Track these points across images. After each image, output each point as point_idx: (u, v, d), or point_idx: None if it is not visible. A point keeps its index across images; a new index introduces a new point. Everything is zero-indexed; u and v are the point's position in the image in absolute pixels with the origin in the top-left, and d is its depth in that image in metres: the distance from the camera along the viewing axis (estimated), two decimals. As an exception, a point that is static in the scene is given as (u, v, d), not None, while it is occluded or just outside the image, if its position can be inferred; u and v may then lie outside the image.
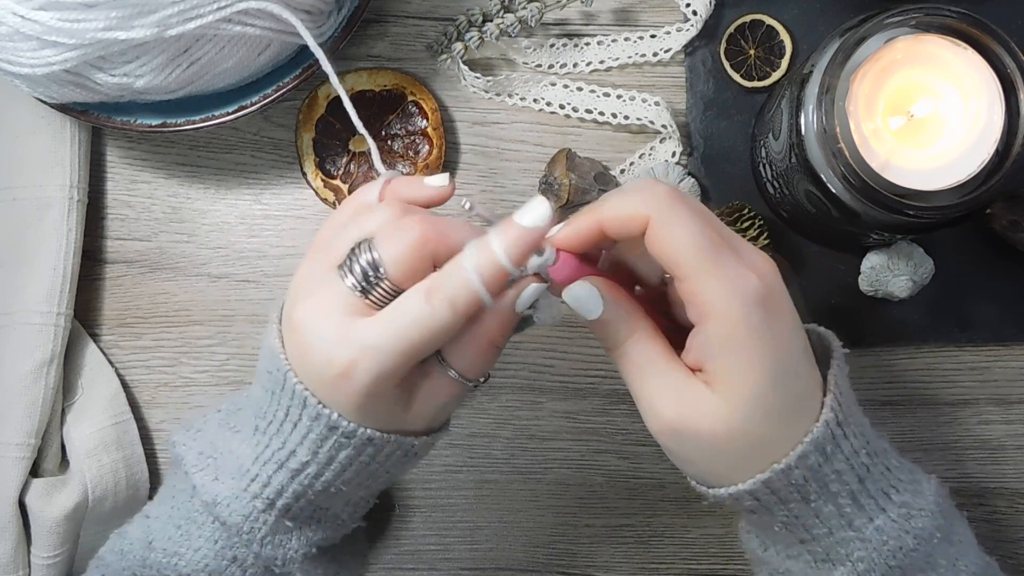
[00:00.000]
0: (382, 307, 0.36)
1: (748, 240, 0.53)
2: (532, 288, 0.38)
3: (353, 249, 0.37)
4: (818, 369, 0.38)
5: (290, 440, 0.39)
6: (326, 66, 0.46)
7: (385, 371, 0.36)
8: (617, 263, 0.40)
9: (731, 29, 0.56)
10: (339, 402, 0.37)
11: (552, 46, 0.57)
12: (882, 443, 0.39)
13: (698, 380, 0.36)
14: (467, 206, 0.38)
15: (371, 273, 0.36)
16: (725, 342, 0.35)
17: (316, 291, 0.37)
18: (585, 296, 0.37)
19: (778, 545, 0.40)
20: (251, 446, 0.40)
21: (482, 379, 0.39)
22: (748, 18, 0.56)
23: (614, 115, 0.57)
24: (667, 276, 0.38)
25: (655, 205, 0.35)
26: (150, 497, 0.57)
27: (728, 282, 0.35)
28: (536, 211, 0.35)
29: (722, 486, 0.38)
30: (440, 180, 0.39)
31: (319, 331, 0.36)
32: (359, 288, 0.36)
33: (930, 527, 0.38)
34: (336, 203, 0.57)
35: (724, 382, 0.35)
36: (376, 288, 0.36)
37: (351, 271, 0.36)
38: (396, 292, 0.36)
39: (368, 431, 0.37)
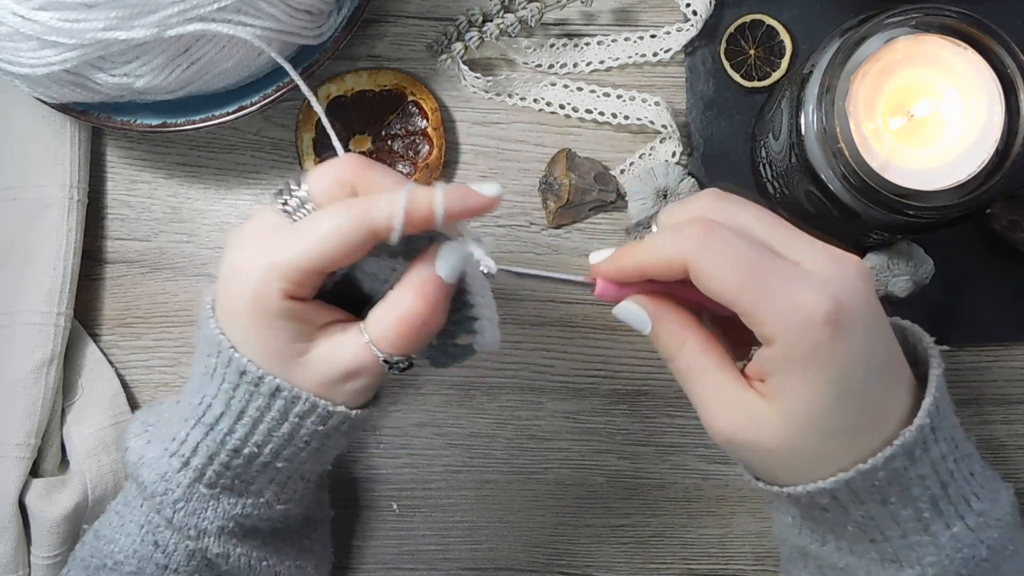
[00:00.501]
0: None
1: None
2: (448, 247, 0.37)
3: (287, 181, 0.38)
4: (907, 371, 0.37)
5: (208, 392, 0.39)
6: (302, 85, 0.46)
7: (281, 266, 0.36)
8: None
9: (731, 29, 0.56)
10: (236, 315, 0.37)
11: (552, 46, 0.57)
12: (968, 447, 0.38)
13: (754, 391, 0.36)
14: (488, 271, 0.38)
15: (297, 192, 0.37)
16: (783, 363, 0.35)
17: (248, 240, 0.38)
18: (631, 313, 0.38)
19: (841, 541, 0.39)
20: (183, 407, 0.41)
21: (400, 363, 0.38)
22: (748, 18, 0.56)
23: (614, 115, 0.57)
24: None
25: (689, 248, 0.35)
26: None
27: (781, 308, 0.34)
28: (492, 185, 0.37)
29: (795, 484, 0.37)
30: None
31: (243, 267, 0.37)
32: (281, 204, 0.38)
33: (1004, 539, 0.37)
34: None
35: (781, 398, 0.35)
36: (300, 210, 0.37)
37: (279, 195, 0.38)
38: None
39: (276, 380, 0.37)
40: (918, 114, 0.46)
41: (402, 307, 0.37)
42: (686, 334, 0.37)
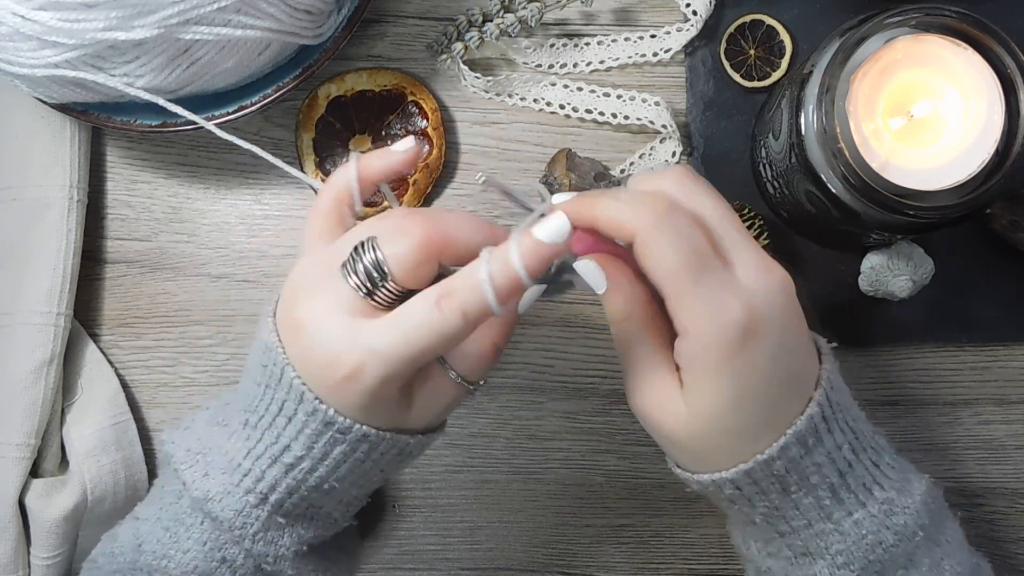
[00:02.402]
0: (385, 308, 0.36)
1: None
2: (534, 290, 0.39)
3: (356, 248, 0.37)
4: (813, 376, 0.38)
5: (284, 435, 0.39)
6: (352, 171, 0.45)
7: (392, 375, 0.36)
8: None
9: (731, 29, 0.56)
10: (342, 403, 0.37)
11: (552, 46, 0.57)
12: (875, 440, 0.40)
13: (675, 379, 0.37)
14: (481, 180, 0.38)
15: (375, 274, 0.36)
16: (694, 361, 0.36)
17: (318, 290, 0.37)
18: (590, 271, 0.38)
19: (758, 542, 0.41)
20: (242, 440, 0.40)
21: (482, 382, 0.40)
22: (748, 18, 0.56)
23: (614, 115, 0.57)
24: None
25: (643, 222, 0.35)
26: (147, 498, 0.57)
27: (702, 307, 0.35)
28: (555, 225, 0.35)
29: (706, 472, 0.39)
30: (404, 144, 0.40)
31: (324, 331, 0.36)
32: (363, 289, 0.36)
33: (913, 525, 0.38)
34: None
35: (690, 394, 0.37)
36: (380, 289, 0.36)
37: (354, 271, 0.36)
38: (400, 293, 0.36)
39: (364, 428, 0.38)
40: (918, 114, 0.46)
41: (487, 343, 0.39)
42: (634, 306, 0.38)
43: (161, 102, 0.48)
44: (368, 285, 0.36)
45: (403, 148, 0.40)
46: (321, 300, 0.37)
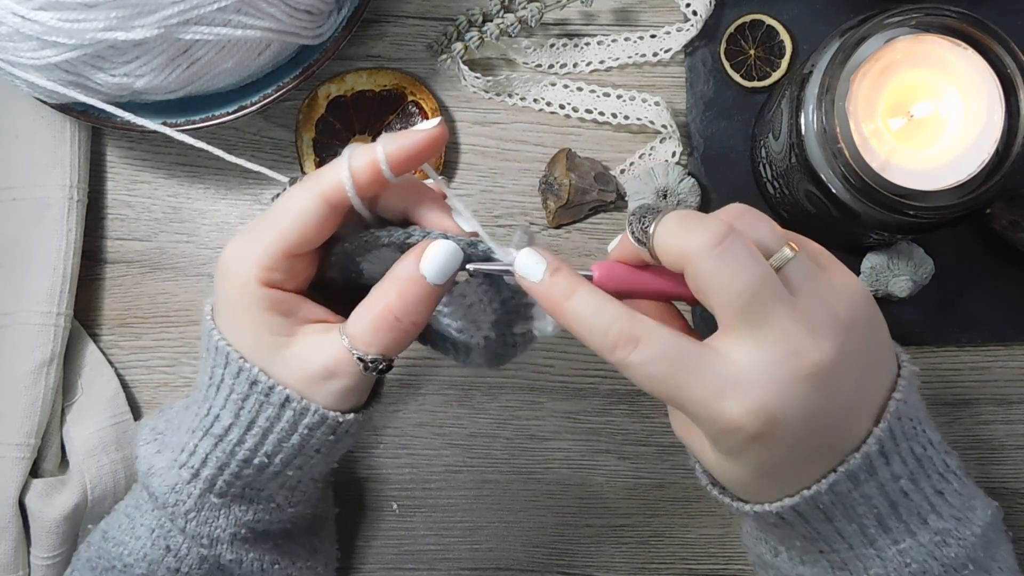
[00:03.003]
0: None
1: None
2: (439, 245, 0.36)
3: (285, 184, 0.39)
4: (869, 412, 0.36)
5: (215, 403, 0.39)
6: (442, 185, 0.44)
7: (253, 256, 0.36)
8: None
9: (731, 29, 0.56)
10: (227, 307, 0.38)
11: (552, 46, 0.57)
12: (945, 464, 0.37)
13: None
14: (471, 271, 0.37)
15: (288, 188, 0.38)
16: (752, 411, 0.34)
17: (242, 229, 0.39)
18: (526, 260, 0.36)
19: (792, 552, 0.40)
20: (190, 417, 0.40)
21: (379, 364, 0.37)
22: (748, 18, 0.56)
23: (614, 115, 0.57)
24: None
25: (697, 262, 0.34)
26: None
27: (770, 356, 0.33)
28: (429, 122, 0.37)
29: (746, 502, 0.38)
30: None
31: (225, 254, 0.38)
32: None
33: (964, 557, 0.36)
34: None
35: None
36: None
37: (275, 197, 0.38)
38: None
39: (285, 391, 0.37)
40: (918, 114, 0.46)
41: (378, 305, 0.37)
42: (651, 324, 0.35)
43: (110, 109, 0.48)
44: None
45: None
46: (234, 243, 0.38)
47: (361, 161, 0.36)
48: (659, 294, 0.37)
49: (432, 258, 0.36)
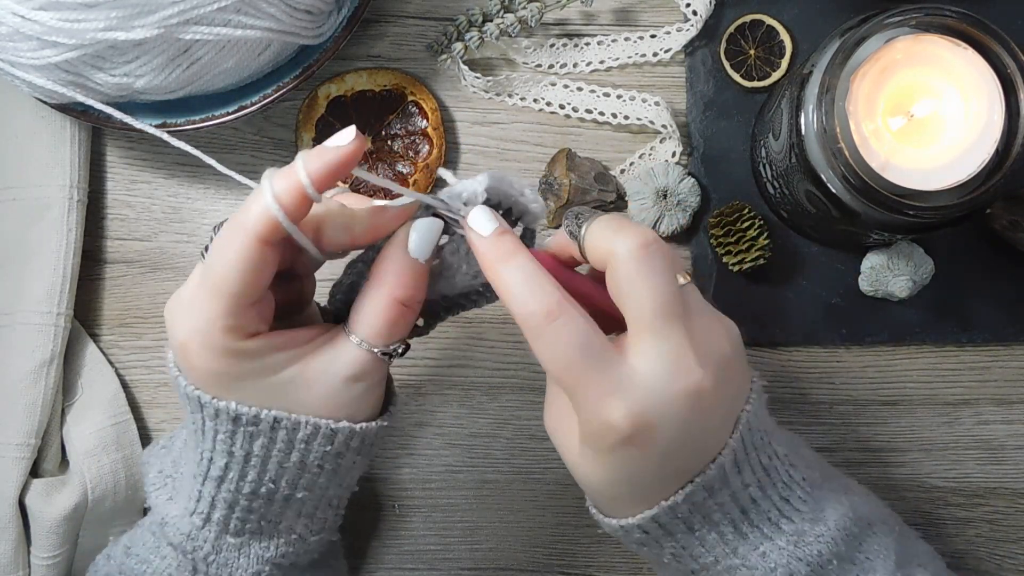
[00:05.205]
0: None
1: (748, 240, 0.54)
2: (419, 224, 0.37)
3: (214, 226, 0.37)
4: (728, 430, 0.38)
5: (205, 447, 0.38)
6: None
7: (214, 326, 0.34)
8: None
9: (731, 29, 0.56)
10: (208, 381, 0.36)
11: (552, 46, 0.57)
12: (789, 473, 0.39)
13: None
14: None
15: (214, 236, 0.36)
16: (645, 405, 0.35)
17: (178, 293, 0.37)
18: (478, 215, 0.37)
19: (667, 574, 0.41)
20: (191, 462, 0.39)
21: (398, 349, 0.38)
22: (748, 18, 0.56)
23: (614, 115, 0.57)
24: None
25: (621, 259, 0.35)
26: (149, 497, 0.57)
27: (664, 369, 0.35)
28: (344, 135, 0.34)
29: (614, 517, 0.39)
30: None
31: (178, 333, 0.36)
32: (203, 254, 0.36)
33: (828, 553, 0.38)
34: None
35: (584, 450, 0.37)
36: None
37: (204, 249, 0.36)
38: None
39: (272, 412, 0.36)
40: (918, 114, 0.46)
41: (382, 300, 0.36)
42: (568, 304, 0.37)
43: (101, 107, 0.48)
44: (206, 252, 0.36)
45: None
46: (181, 315, 0.36)
47: (284, 186, 0.34)
48: (576, 293, 0.38)
49: (417, 239, 0.37)
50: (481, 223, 0.36)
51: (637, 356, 0.35)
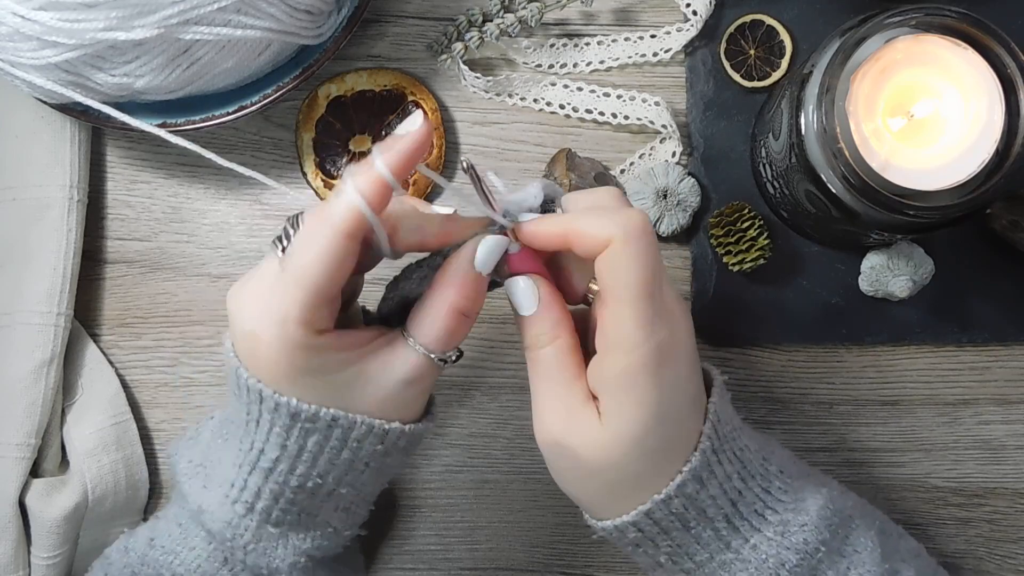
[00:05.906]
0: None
1: (748, 240, 0.54)
2: (488, 240, 0.38)
3: (287, 218, 0.37)
4: (704, 401, 0.39)
5: (257, 439, 0.38)
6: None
7: (291, 317, 0.35)
8: (555, 262, 0.41)
9: (731, 29, 0.56)
10: (272, 373, 0.36)
11: (552, 46, 0.57)
12: (763, 467, 0.40)
13: (592, 407, 0.38)
14: (465, 165, 0.37)
15: (291, 230, 0.36)
16: (621, 379, 0.36)
17: (246, 283, 0.37)
18: (524, 291, 0.38)
19: None
20: (231, 451, 0.40)
21: (452, 356, 0.39)
22: (748, 18, 0.56)
23: (614, 115, 0.57)
24: (591, 296, 0.39)
25: (622, 233, 0.35)
26: (149, 498, 0.57)
27: (648, 325, 0.36)
28: (411, 121, 0.35)
29: (607, 518, 0.39)
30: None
31: (247, 322, 0.36)
32: (280, 248, 0.36)
33: (814, 541, 0.39)
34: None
35: (612, 418, 0.37)
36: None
37: (277, 241, 0.36)
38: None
39: (331, 411, 0.37)
40: (918, 114, 0.46)
41: (443, 308, 0.37)
42: (560, 331, 0.38)
43: (100, 106, 0.48)
44: (284, 243, 0.36)
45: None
46: (246, 280, 0.37)
47: (366, 181, 0.35)
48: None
49: (485, 254, 0.38)
50: (525, 302, 0.38)
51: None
